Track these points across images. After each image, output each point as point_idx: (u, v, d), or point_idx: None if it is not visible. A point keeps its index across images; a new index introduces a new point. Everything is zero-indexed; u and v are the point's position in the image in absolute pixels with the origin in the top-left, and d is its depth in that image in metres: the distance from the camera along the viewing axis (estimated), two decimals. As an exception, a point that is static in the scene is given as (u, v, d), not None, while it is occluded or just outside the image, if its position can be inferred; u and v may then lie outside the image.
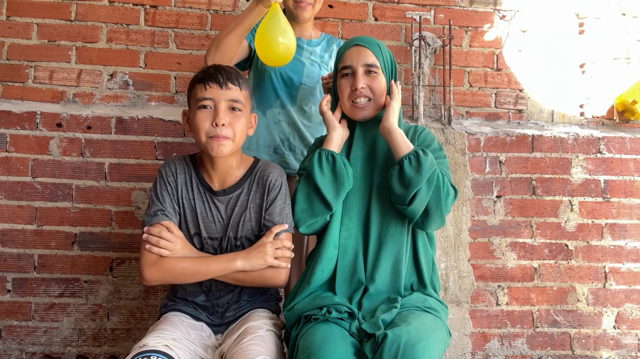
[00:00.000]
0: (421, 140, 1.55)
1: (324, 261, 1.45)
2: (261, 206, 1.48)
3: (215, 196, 1.47)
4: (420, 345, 1.18)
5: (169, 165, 1.50)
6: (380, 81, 1.51)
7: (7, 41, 2.30)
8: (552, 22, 2.56)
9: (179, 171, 1.48)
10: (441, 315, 1.42)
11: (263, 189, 1.48)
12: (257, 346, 1.29)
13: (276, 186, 1.49)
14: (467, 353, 2.33)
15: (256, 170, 1.51)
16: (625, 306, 2.40)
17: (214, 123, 1.37)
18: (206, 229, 1.47)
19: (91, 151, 2.26)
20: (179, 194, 1.47)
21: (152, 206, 1.45)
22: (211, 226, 1.47)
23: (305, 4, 1.91)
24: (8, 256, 2.21)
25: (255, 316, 1.46)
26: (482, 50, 2.53)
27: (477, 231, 2.36)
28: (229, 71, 1.41)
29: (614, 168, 2.45)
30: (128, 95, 2.34)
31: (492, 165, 2.41)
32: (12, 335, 2.19)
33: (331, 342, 1.23)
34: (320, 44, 2.02)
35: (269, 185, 1.48)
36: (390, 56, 1.58)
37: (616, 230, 2.42)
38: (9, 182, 2.22)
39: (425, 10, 2.51)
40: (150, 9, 2.37)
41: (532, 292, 2.38)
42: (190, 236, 1.48)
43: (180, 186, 1.48)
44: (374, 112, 1.54)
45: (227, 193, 1.48)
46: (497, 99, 2.53)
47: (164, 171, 1.48)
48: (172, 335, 1.32)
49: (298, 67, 1.94)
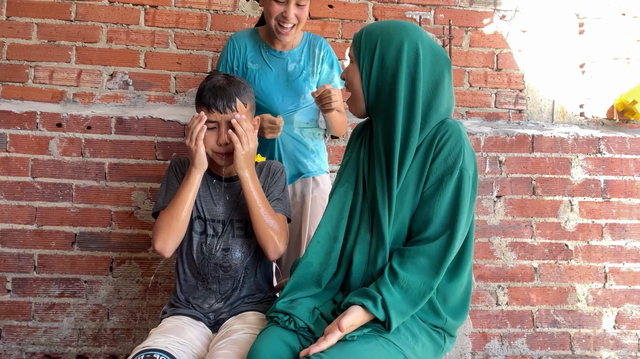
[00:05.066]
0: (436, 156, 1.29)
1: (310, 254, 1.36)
2: (264, 188, 1.58)
3: (222, 183, 1.59)
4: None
5: (179, 160, 1.64)
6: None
7: (7, 41, 2.30)
8: (552, 22, 2.56)
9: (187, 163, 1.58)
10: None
11: (267, 173, 1.62)
12: (226, 349, 1.29)
13: (279, 171, 1.64)
14: (467, 353, 2.33)
15: (259, 165, 1.65)
16: (625, 306, 2.40)
17: (218, 143, 1.51)
18: (209, 212, 1.57)
19: (91, 151, 2.26)
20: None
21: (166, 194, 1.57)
22: (214, 209, 1.58)
23: (287, 30, 1.84)
24: (8, 256, 2.21)
25: (242, 318, 1.47)
26: (482, 50, 2.53)
27: (477, 231, 2.36)
28: (230, 95, 1.50)
29: (614, 168, 2.45)
30: (128, 95, 2.34)
31: (492, 165, 2.41)
32: (12, 335, 2.19)
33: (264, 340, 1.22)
34: (301, 50, 1.95)
35: (274, 170, 1.63)
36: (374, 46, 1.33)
37: (616, 230, 2.42)
38: (9, 182, 2.22)
39: (425, 10, 2.51)
40: (150, 9, 2.37)
41: (532, 292, 2.38)
42: (191, 220, 1.55)
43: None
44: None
45: (234, 180, 1.59)
46: (497, 99, 2.53)
47: (174, 165, 1.62)
48: (176, 339, 1.34)
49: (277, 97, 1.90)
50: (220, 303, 1.53)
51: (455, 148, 1.27)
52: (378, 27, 1.36)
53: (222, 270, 1.54)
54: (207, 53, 2.39)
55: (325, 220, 1.37)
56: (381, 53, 1.31)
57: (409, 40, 1.32)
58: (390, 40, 1.32)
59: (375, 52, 1.32)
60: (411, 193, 1.28)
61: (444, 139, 1.27)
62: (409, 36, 1.32)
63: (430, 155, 1.28)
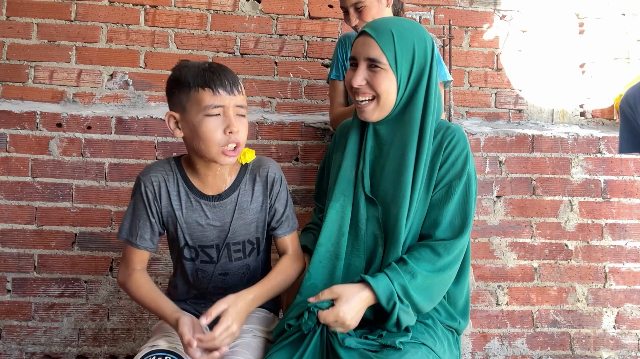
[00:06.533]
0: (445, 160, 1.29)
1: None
2: (263, 204, 1.41)
3: (209, 202, 1.38)
4: None
5: (148, 178, 1.37)
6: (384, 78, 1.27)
7: (7, 41, 2.30)
8: (552, 22, 2.56)
9: (161, 181, 1.37)
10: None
11: (264, 186, 1.40)
12: (239, 355, 1.26)
13: (277, 181, 1.41)
14: (467, 353, 2.33)
15: (250, 169, 1.42)
16: (625, 306, 2.40)
17: (228, 131, 1.27)
18: (199, 239, 1.39)
19: (91, 151, 2.26)
20: (162, 208, 1.38)
21: (133, 226, 1.37)
22: (204, 235, 1.39)
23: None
24: (8, 256, 2.21)
25: (249, 317, 1.38)
26: (482, 50, 2.53)
27: (477, 231, 2.36)
28: (232, 75, 1.31)
29: (614, 168, 2.45)
30: (128, 95, 2.34)
31: (492, 165, 2.41)
32: (12, 335, 2.19)
33: None
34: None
35: (270, 180, 1.41)
36: (414, 49, 1.29)
37: (616, 230, 2.42)
38: (9, 182, 2.22)
39: (425, 10, 2.51)
40: (150, 9, 2.37)
41: (532, 292, 2.38)
42: (179, 248, 1.40)
43: (163, 199, 1.37)
44: (382, 114, 1.31)
45: (223, 198, 1.38)
46: (497, 99, 2.53)
47: (143, 187, 1.37)
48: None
49: None
50: None
51: (462, 153, 1.28)
52: (401, 26, 1.30)
53: (222, 290, 1.41)
54: (207, 53, 2.39)
55: (325, 238, 1.33)
56: (416, 55, 1.28)
57: (429, 39, 1.31)
58: (421, 39, 1.29)
59: (415, 55, 1.28)
60: (422, 199, 1.28)
61: (451, 144, 1.29)
62: (426, 34, 1.32)
63: (439, 160, 1.28)
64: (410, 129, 1.28)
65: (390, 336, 1.21)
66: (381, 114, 1.31)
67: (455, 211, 1.27)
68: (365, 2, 1.83)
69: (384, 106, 1.30)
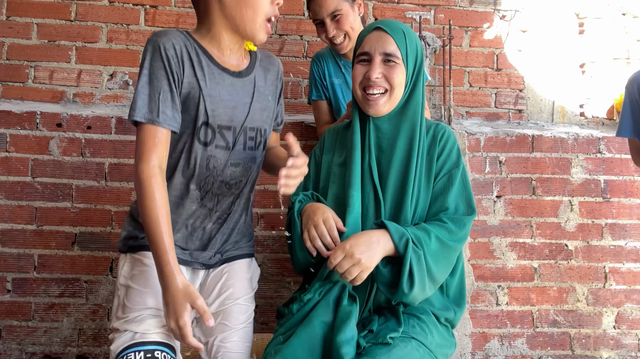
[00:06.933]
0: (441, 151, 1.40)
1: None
2: (274, 93, 1.40)
3: (231, 78, 1.28)
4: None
5: (168, 40, 1.20)
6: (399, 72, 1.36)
7: (7, 41, 2.30)
8: (552, 22, 2.56)
9: (182, 46, 1.22)
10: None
11: (276, 76, 1.41)
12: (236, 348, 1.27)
13: (281, 75, 1.44)
14: (467, 353, 2.33)
15: (260, 58, 1.39)
16: (625, 306, 2.40)
17: (275, 2, 1.28)
18: (220, 116, 1.25)
19: (91, 151, 2.26)
20: (184, 77, 1.22)
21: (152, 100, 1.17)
22: (225, 113, 1.26)
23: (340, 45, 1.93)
24: (8, 256, 2.21)
25: (238, 271, 1.36)
26: (482, 50, 2.53)
27: (477, 231, 2.36)
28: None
29: (614, 168, 2.45)
30: (128, 95, 2.34)
31: (492, 165, 2.41)
32: (12, 335, 2.19)
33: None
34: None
35: (280, 74, 1.43)
36: (417, 47, 1.42)
37: (616, 230, 2.42)
38: (9, 182, 2.22)
39: (425, 10, 2.51)
40: (150, 9, 2.37)
41: (532, 292, 2.38)
42: (194, 130, 1.24)
43: (186, 66, 1.22)
44: (390, 108, 1.39)
45: (243, 75, 1.30)
46: (497, 99, 2.53)
47: (163, 50, 1.19)
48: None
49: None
50: (216, 225, 1.34)
51: (455, 145, 1.42)
52: (405, 26, 1.43)
53: (226, 187, 1.31)
54: (207, 53, 2.38)
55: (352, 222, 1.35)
56: (419, 53, 1.41)
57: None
58: (418, 40, 1.44)
59: (417, 53, 1.41)
60: (424, 189, 1.37)
61: (444, 137, 1.42)
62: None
63: (436, 151, 1.40)
64: (413, 122, 1.39)
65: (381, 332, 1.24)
66: (390, 107, 1.39)
67: (458, 196, 1.37)
68: (342, 10, 1.85)
69: (395, 99, 1.39)
